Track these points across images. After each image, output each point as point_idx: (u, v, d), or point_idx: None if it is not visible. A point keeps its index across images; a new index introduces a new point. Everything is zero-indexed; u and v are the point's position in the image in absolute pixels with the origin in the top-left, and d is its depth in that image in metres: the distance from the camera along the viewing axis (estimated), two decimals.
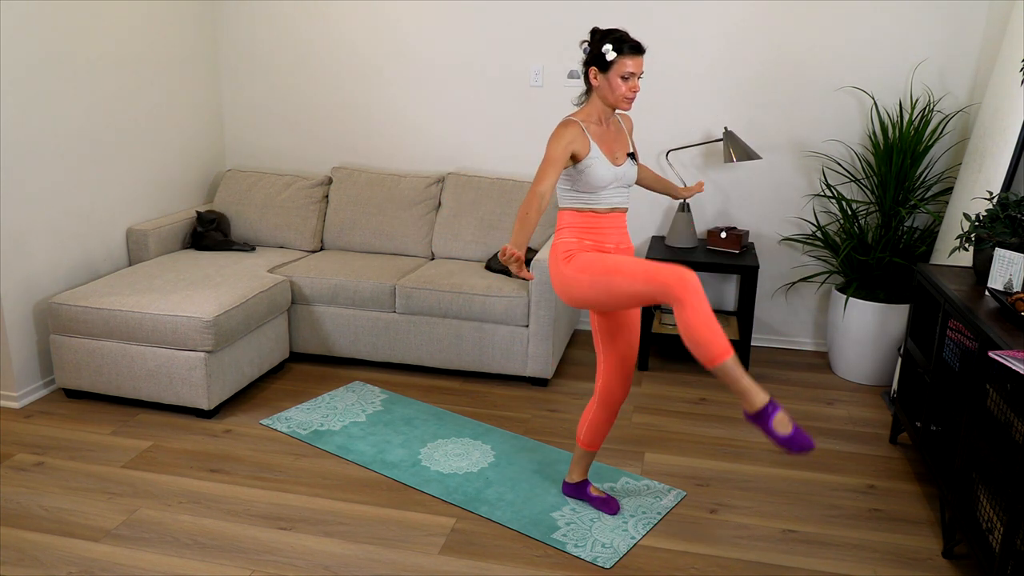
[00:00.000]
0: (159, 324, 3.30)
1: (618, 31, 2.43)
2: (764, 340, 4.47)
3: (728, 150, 3.94)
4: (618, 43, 2.40)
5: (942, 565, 2.57)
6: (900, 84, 3.99)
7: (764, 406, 2.23)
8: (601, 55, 2.42)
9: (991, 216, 2.83)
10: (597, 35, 2.46)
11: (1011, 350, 2.23)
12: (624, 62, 2.41)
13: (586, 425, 2.74)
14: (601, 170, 2.48)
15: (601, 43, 2.42)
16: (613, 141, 2.55)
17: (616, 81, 2.43)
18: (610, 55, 2.40)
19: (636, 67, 2.42)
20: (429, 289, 3.76)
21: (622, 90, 2.44)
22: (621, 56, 2.40)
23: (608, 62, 2.41)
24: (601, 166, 2.48)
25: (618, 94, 2.45)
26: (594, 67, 2.46)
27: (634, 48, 2.41)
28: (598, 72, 2.45)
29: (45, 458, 3.08)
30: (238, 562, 2.50)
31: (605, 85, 2.45)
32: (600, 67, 2.44)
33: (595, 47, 2.44)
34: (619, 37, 2.42)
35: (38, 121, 3.47)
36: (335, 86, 4.56)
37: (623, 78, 2.43)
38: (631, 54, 2.41)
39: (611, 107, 2.51)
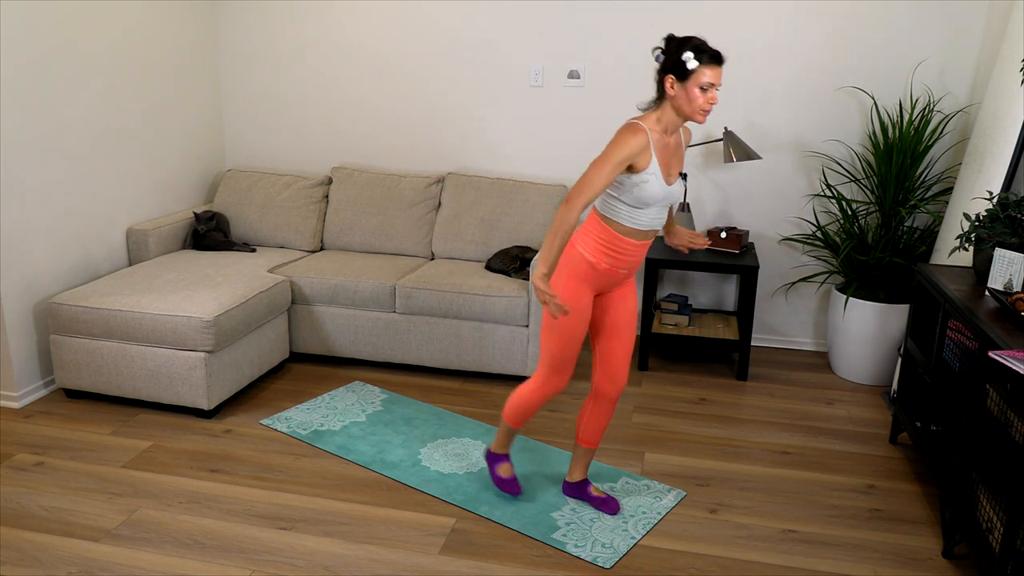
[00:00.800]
0: (159, 324, 3.30)
1: (696, 39, 2.32)
2: (764, 340, 4.47)
3: (728, 150, 3.94)
4: (698, 52, 2.29)
5: (942, 565, 2.57)
6: (900, 84, 3.99)
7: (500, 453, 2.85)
8: (680, 63, 2.30)
9: (991, 216, 2.83)
10: (674, 43, 2.34)
11: (1011, 350, 2.23)
12: (704, 71, 2.29)
13: (584, 422, 2.75)
14: (655, 188, 2.39)
15: (680, 51, 2.31)
16: (671, 156, 2.46)
17: (694, 92, 2.31)
18: (691, 64, 2.29)
19: (715, 78, 2.31)
20: (429, 289, 3.76)
21: (699, 101, 2.32)
22: (702, 65, 2.29)
23: (688, 71, 2.30)
24: (656, 183, 2.39)
25: (695, 105, 2.33)
26: (671, 76, 2.33)
27: (714, 58, 2.30)
28: (675, 81, 2.33)
29: (45, 458, 3.08)
30: (238, 562, 2.50)
31: (682, 95, 2.33)
32: (678, 76, 2.32)
33: (673, 55, 2.32)
34: (698, 45, 2.30)
35: (38, 121, 3.47)
36: (335, 86, 4.56)
37: (702, 89, 2.31)
38: (711, 64, 2.30)
39: (684, 118, 2.39)
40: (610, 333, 2.66)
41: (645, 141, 2.34)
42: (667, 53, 2.36)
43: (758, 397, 3.80)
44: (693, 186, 4.32)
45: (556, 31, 4.25)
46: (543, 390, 2.66)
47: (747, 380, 3.99)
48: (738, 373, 4.00)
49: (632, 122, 2.37)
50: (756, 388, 3.91)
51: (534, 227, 4.14)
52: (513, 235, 4.15)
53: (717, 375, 4.05)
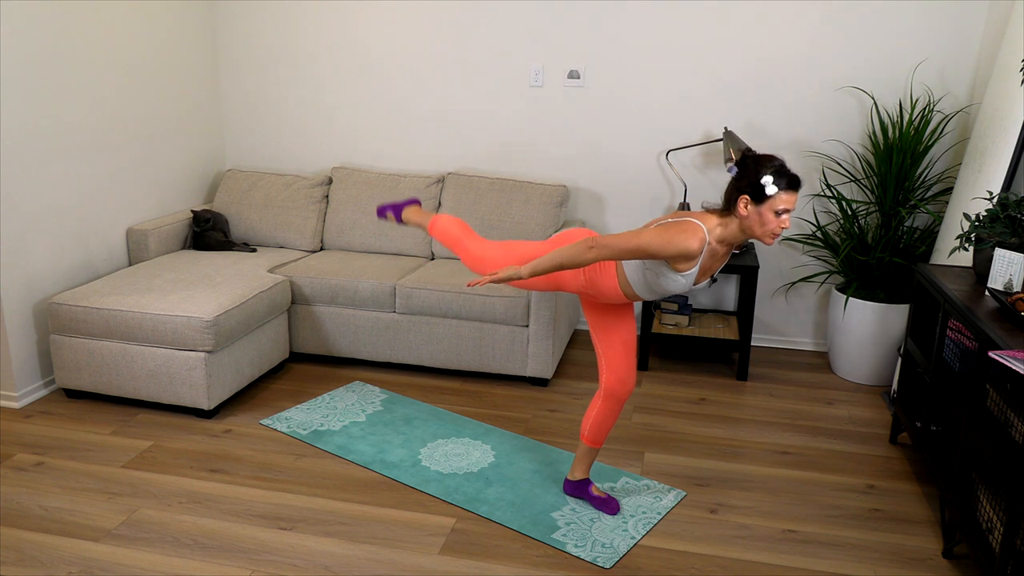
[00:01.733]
0: (159, 324, 3.30)
1: (776, 160, 2.22)
2: (764, 340, 4.47)
3: (728, 150, 3.94)
4: (778, 176, 2.19)
5: (942, 565, 2.57)
6: (900, 84, 3.99)
7: None
8: (759, 186, 2.20)
9: (991, 216, 2.83)
10: (752, 162, 2.24)
11: (1011, 350, 2.23)
12: (782, 197, 2.20)
13: (591, 421, 2.75)
14: (680, 286, 2.36)
15: (759, 173, 2.20)
16: (713, 263, 2.40)
17: (769, 215, 2.21)
18: (770, 189, 2.19)
19: (791, 203, 2.21)
20: (429, 289, 3.76)
21: (772, 226, 2.22)
22: (780, 191, 2.19)
23: (765, 196, 2.20)
24: (684, 284, 2.35)
25: (767, 229, 2.23)
26: (746, 196, 2.22)
27: (793, 183, 2.21)
28: (750, 202, 2.22)
29: (45, 458, 3.08)
30: (238, 562, 2.50)
31: (755, 218, 2.23)
32: (753, 198, 2.21)
33: (752, 175, 2.22)
34: (779, 169, 2.20)
35: (38, 121, 3.47)
36: (335, 86, 4.56)
37: (776, 213, 2.21)
38: (790, 189, 2.20)
39: (749, 237, 2.30)
40: (610, 332, 2.67)
41: (700, 250, 2.25)
42: (743, 170, 2.26)
43: (758, 397, 3.80)
44: (693, 186, 4.32)
45: (556, 31, 4.25)
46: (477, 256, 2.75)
47: (747, 380, 3.99)
48: (738, 373, 4.00)
49: (696, 225, 2.26)
50: (756, 388, 3.91)
51: (534, 227, 4.14)
52: (513, 235, 4.15)
53: (717, 375, 4.05)
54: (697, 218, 2.29)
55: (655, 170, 4.33)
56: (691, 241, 2.22)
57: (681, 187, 4.33)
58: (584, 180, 4.43)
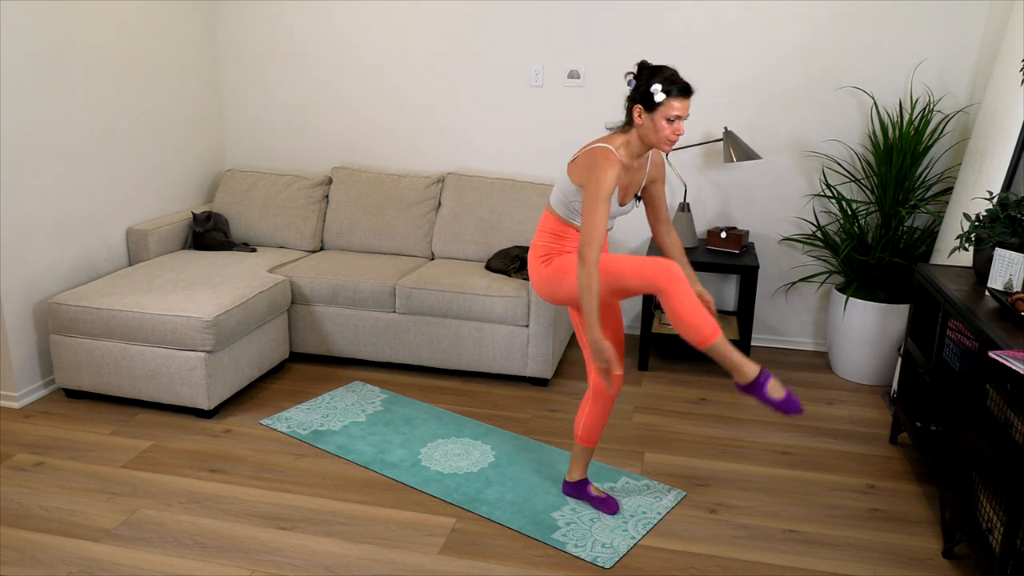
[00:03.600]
0: (159, 324, 3.30)
1: (667, 69, 2.34)
2: (764, 340, 4.47)
3: (728, 150, 3.94)
4: (667, 84, 2.31)
5: (942, 565, 2.57)
6: (900, 84, 3.99)
7: (756, 376, 2.38)
8: (649, 94, 2.32)
9: (991, 216, 2.83)
10: (645, 72, 2.36)
11: (1011, 350, 2.23)
12: (672, 104, 2.31)
13: (583, 420, 2.75)
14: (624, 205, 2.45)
15: (650, 82, 2.33)
16: (632, 178, 2.49)
17: (661, 123, 2.33)
18: (658, 96, 2.31)
19: (683, 110, 2.33)
20: (429, 289, 3.76)
21: (666, 132, 2.34)
22: (669, 98, 2.31)
23: (655, 103, 2.32)
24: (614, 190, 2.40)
25: (661, 136, 2.35)
26: (639, 105, 2.36)
27: (683, 90, 2.32)
28: (643, 111, 2.35)
29: (45, 458, 3.08)
30: (238, 562, 2.50)
31: (649, 125, 2.36)
32: (646, 106, 2.34)
33: (643, 85, 2.34)
34: (669, 77, 2.32)
35: (38, 121, 3.47)
36: (335, 86, 4.56)
37: (668, 120, 2.33)
38: (680, 96, 2.31)
39: (649, 147, 2.41)
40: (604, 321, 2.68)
41: (617, 170, 2.36)
42: (638, 81, 2.37)
43: None
44: (693, 186, 4.32)
45: (556, 31, 4.25)
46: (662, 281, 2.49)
47: None
48: None
49: (603, 147, 2.38)
50: None
51: (534, 227, 4.14)
52: (513, 235, 4.15)
53: (717, 375, 4.05)
54: (604, 141, 2.40)
55: None
56: (610, 165, 2.34)
57: (681, 187, 4.33)
58: None
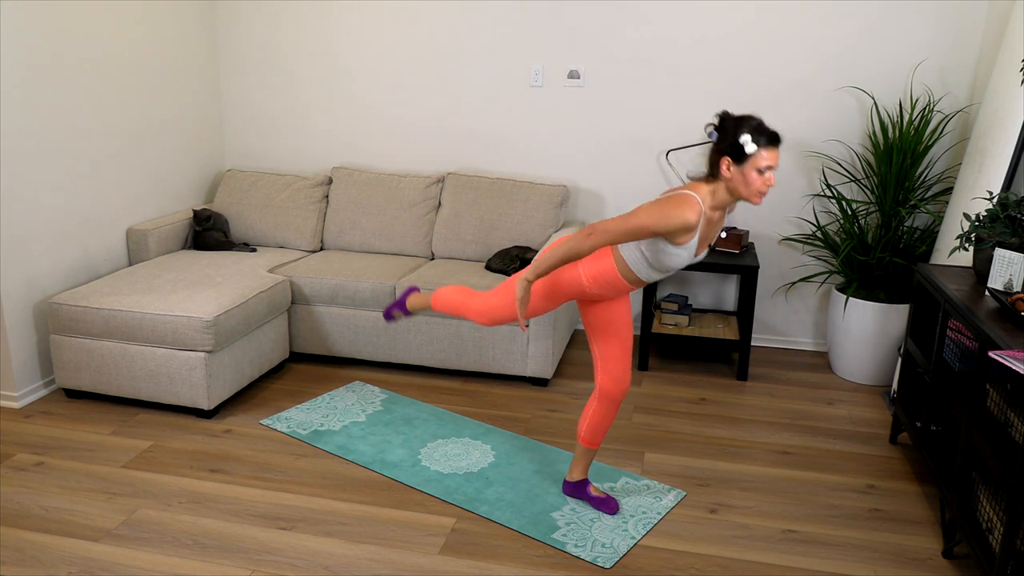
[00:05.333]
0: (159, 324, 3.30)
1: (753, 119, 2.23)
2: (764, 340, 4.47)
3: None
4: (756, 134, 2.20)
5: (942, 565, 2.57)
6: (900, 84, 3.99)
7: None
8: (738, 146, 2.21)
9: (991, 216, 2.83)
10: (731, 123, 2.25)
11: (1011, 350, 2.23)
12: (762, 155, 2.20)
13: (587, 422, 2.75)
14: (683, 260, 2.36)
15: (737, 133, 2.22)
16: (711, 231, 2.40)
17: (752, 175, 2.22)
18: (749, 147, 2.20)
19: (773, 159, 2.21)
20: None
21: (757, 184, 2.23)
22: (760, 148, 2.20)
23: (745, 155, 2.21)
24: (686, 257, 2.36)
25: (752, 188, 2.24)
26: (727, 157, 2.24)
27: (773, 140, 2.22)
28: (732, 163, 2.24)
29: (45, 458, 3.08)
30: (238, 562, 2.50)
31: (739, 178, 2.24)
32: (735, 158, 2.23)
33: (730, 136, 2.23)
34: (756, 127, 2.21)
35: (38, 121, 3.47)
36: (335, 86, 4.56)
37: (759, 171, 2.22)
38: (770, 146, 2.21)
39: (737, 199, 2.30)
40: (607, 333, 2.66)
41: (697, 220, 2.25)
42: (722, 132, 2.27)
43: (758, 397, 3.80)
44: None
45: (556, 31, 4.25)
46: (484, 310, 2.73)
47: (747, 380, 3.99)
48: (738, 373, 4.00)
49: (690, 195, 2.27)
50: (756, 388, 3.91)
51: (534, 227, 4.14)
52: (513, 235, 4.15)
53: (717, 375, 4.05)
54: (689, 189, 2.31)
55: (655, 170, 4.33)
56: (688, 213, 2.23)
57: None
58: (584, 180, 4.43)
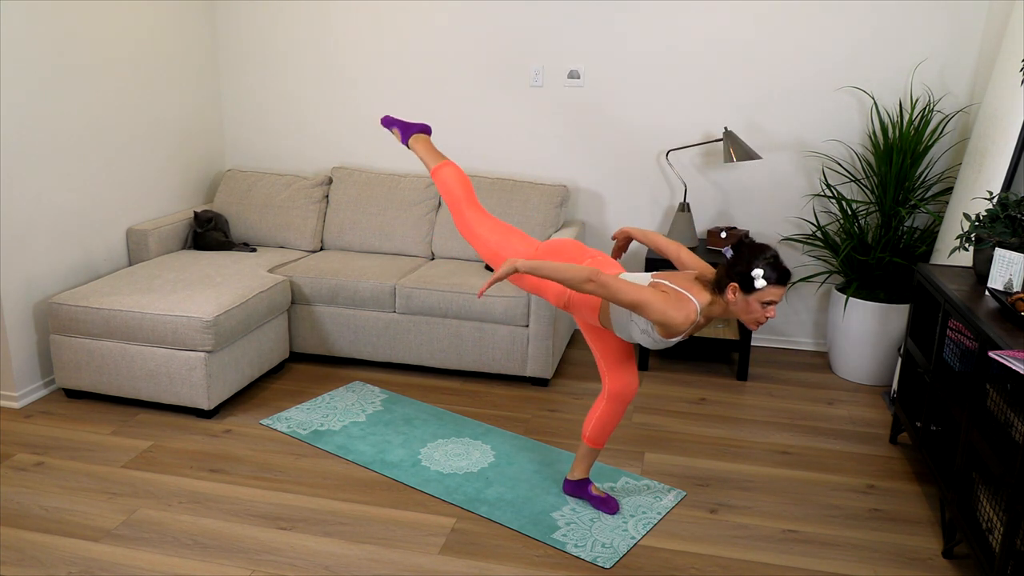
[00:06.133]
0: (159, 324, 3.30)
1: (769, 252, 2.24)
2: (764, 340, 4.47)
3: (728, 150, 3.94)
4: (769, 271, 2.22)
5: (942, 565, 2.57)
6: (900, 84, 3.99)
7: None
8: (748, 277, 2.23)
9: (991, 216, 2.83)
10: (746, 250, 2.27)
11: (1011, 350, 2.23)
12: (770, 291, 2.23)
13: (593, 421, 2.75)
14: (657, 344, 2.40)
15: (751, 264, 2.23)
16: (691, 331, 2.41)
17: (755, 305, 2.25)
18: (759, 283, 2.22)
19: (778, 296, 2.24)
20: (429, 289, 3.76)
21: (757, 315, 2.27)
22: (770, 285, 2.23)
23: (754, 288, 2.24)
24: (661, 344, 2.40)
25: (752, 317, 2.28)
26: (735, 284, 2.26)
27: (783, 279, 2.24)
28: (738, 290, 2.26)
29: (45, 458, 3.08)
30: (238, 562, 2.50)
31: (742, 305, 2.27)
32: (743, 287, 2.25)
33: (743, 266, 2.25)
34: (771, 263, 2.23)
35: (38, 121, 3.47)
36: (335, 86, 4.56)
37: (763, 304, 2.25)
38: (778, 284, 2.23)
39: (732, 318, 2.31)
40: (607, 339, 2.66)
41: (685, 328, 2.30)
42: (736, 257, 2.28)
43: (758, 397, 3.80)
44: (693, 186, 4.32)
45: (556, 31, 4.25)
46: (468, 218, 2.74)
47: (747, 380, 3.99)
48: (738, 373, 4.00)
49: (692, 304, 2.30)
50: (756, 388, 3.91)
51: (534, 227, 4.14)
52: None
53: (717, 375, 4.05)
54: (695, 294, 2.33)
55: (655, 170, 4.33)
56: (680, 320, 2.27)
57: (681, 187, 4.33)
58: (584, 180, 4.43)
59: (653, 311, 2.26)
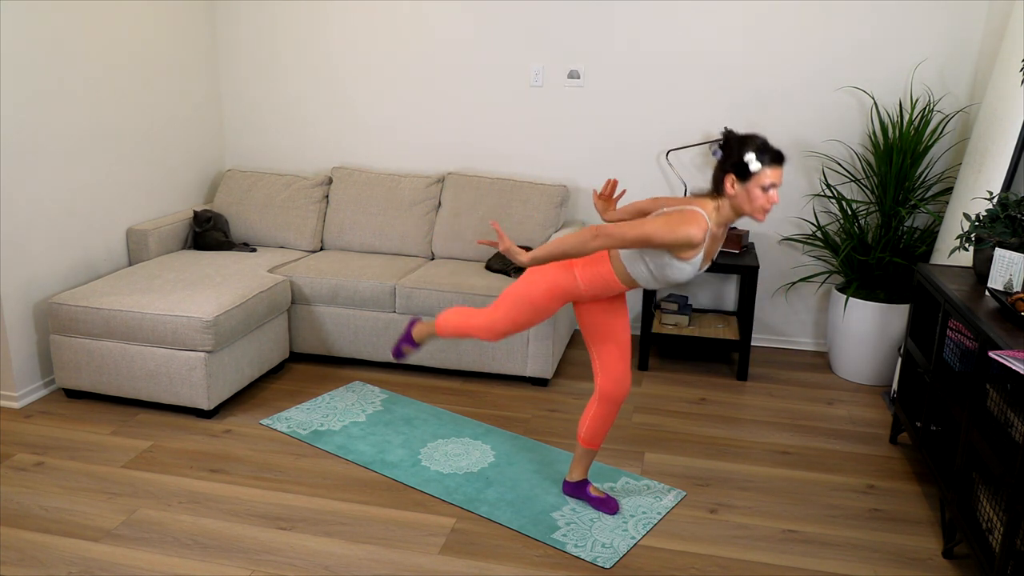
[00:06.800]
0: (159, 324, 3.30)
1: (758, 138, 2.27)
2: (764, 340, 4.47)
3: None
4: (761, 152, 2.24)
5: (942, 565, 2.57)
6: (900, 84, 3.99)
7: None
8: (742, 164, 2.25)
9: (991, 216, 2.83)
10: (735, 141, 2.29)
11: (1011, 350, 2.23)
12: (766, 173, 2.23)
13: (587, 423, 2.74)
14: (686, 275, 2.38)
15: (741, 151, 2.25)
16: (714, 246, 2.41)
17: (756, 192, 2.25)
18: (753, 166, 2.23)
19: (777, 177, 2.25)
20: (429, 289, 3.76)
21: (760, 201, 2.26)
22: (764, 167, 2.23)
23: (750, 172, 2.24)
24: (690, 271, 2.38)
25: (756, 205, 2.27)
26: (732, 175, 2.27)
27: (777, 158, 2.25)
28: (736, 180, 2.27)
29: (45, 458, 3.08)
30: (238, 562, 2.50)
31: (743, 195, 2.27)
32: (739, 176, 2.26)
33: (734, 154, 2.26)
34: (761, 146, 2.25)
35: (38, 121, 3.47)
36: (335, 86, 4.56)
37: (763, 188, 2.25)
38: (774, 164, 2.24)
39: (740, 215, 2.33)
40: (605, 336, 2.66)
41: (703, 237, 2.27)
42: (726, 150, 2.30)
43: (758, 397, 3.80)
44: (693, 186, 4.32)
45: (556, 31, 4.25)
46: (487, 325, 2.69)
47: (747, 380, 3.99)
48: (738, 373, 4.00)
49: (697, 212, 2.29)
50: (756, 388, 3.91)
51: (534, 227, 4.14)
52: (513, 235, 4.15)
53: (717, 375, 4.05)
54: (696, 204, 2.33)
55: (655, 170, 4.33)
56: (694, 230, 2.25)
57: (681, 187, 4.33)
58: (584, 180, 4.43)
59: (663, 235, 2.25)
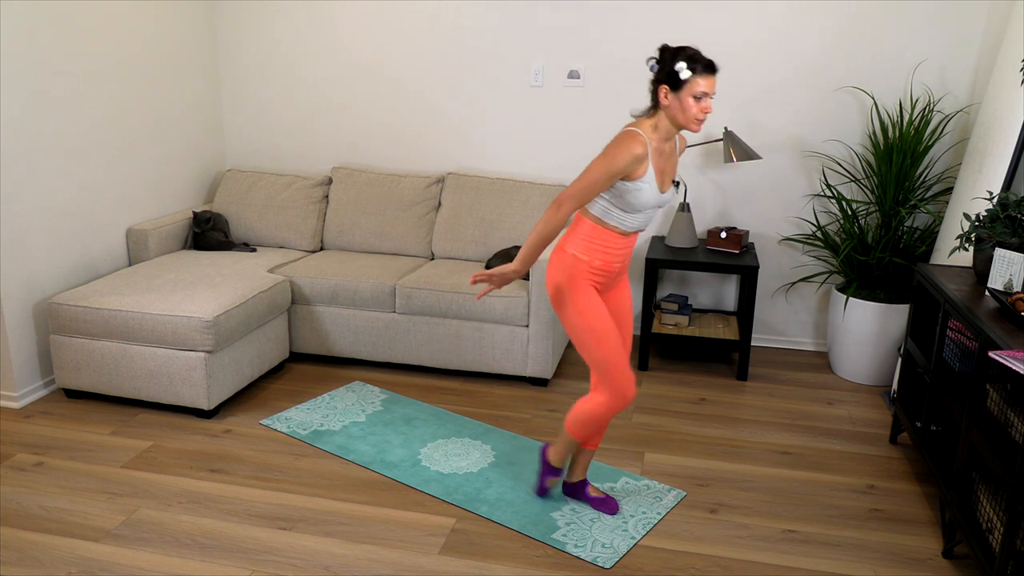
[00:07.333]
0: (159, 324, 3.30)
1: (690, 49, 2.34)
2: (764, 340, 4.47)
3: (728, 150, 3.94)
4: (692, 61, 2.30)
5: (942, 565, 2.57)
6: (900, 84, 3.99)
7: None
8: (674, 73, 2.32)
9: (991, 216, 2.83)
10: (668, 53, 2.35)
11: (1011, 350, 2.23)
12: (697, 81, 2.30)
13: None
14: (648, 196, 2.41)
15: (673, 61, 2.32)
16: (666, 164, 2.47)
17: (688, 101, 2.32)
18: (684, 74, 2.30)
19: (709, 87, 2.32)
20: (429, 289, 3.76)
21: (694, 111, 2.33)
22: (695, 75, 2.30)
23: (681, 81, 2.31)
24: (650, 191, 2.41)
25: (690, 115, 2.34)
26: (665, 86, 2.34)
27: (708, 67, 2.32)
28: (669, 91, 2.34)
29: (45, 458, 3.08)
30: (238, 562, 2.50)
31: (676, 105, 2.34)
32: (671, 86, 2.33)
33: (666, 65, 2.34)
34: (692, 55, 2.31)
35: (38, 121, 3.47)
36: (335, 86, 4.56)
37: (695, 98, 2.32)
38: (705, 73, 2.31)
39: (678, 127, 2.40)
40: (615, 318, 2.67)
41: (644, 151, 2.35)
42: (661, 63, 2.37)
43: (758, 397, 3.80)
44: (693, 186, 4.32)
45: (556, 31, 4.25)
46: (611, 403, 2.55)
47: (747, 380, 3.99)
48: (738, 373, 4.00)
49: (631, 130, 2.37)
50: (756, 388, 3.91)
51: (533, 227, 4.13)
52: (513, 235, 4.15)
53: (717, 375, 4.05)
54: (632, 126, 2.41)
55: None
56: (633, 145, 2.33)
57: (681, 187, 4.33)
58: None
59: (608, 164, 2.33)
